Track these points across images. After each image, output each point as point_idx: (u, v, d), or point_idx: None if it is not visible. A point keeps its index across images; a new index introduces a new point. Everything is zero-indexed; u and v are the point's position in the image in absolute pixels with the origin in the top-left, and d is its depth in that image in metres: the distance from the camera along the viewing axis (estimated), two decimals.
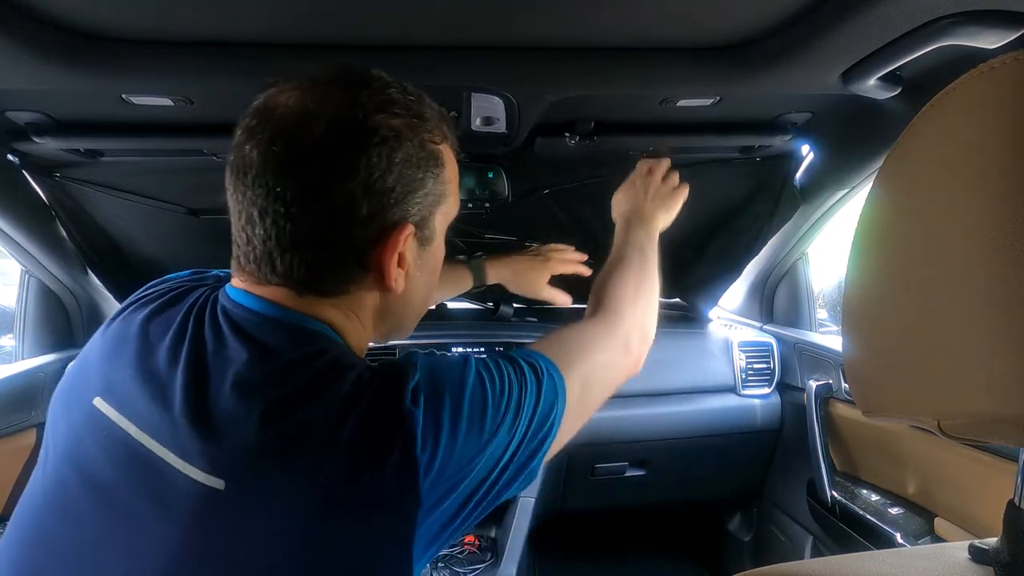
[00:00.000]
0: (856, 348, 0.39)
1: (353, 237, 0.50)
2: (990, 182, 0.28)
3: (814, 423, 1.29)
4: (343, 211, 0.49)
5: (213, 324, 0.52)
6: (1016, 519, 0.38)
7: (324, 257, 0.51)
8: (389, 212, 0.51)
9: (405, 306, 0.59)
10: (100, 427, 0.49)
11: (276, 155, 0.49)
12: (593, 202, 1.39)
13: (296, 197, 0.48)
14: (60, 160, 1.09)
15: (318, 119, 0.49)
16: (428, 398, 0.49)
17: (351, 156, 0.49)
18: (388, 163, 0.50)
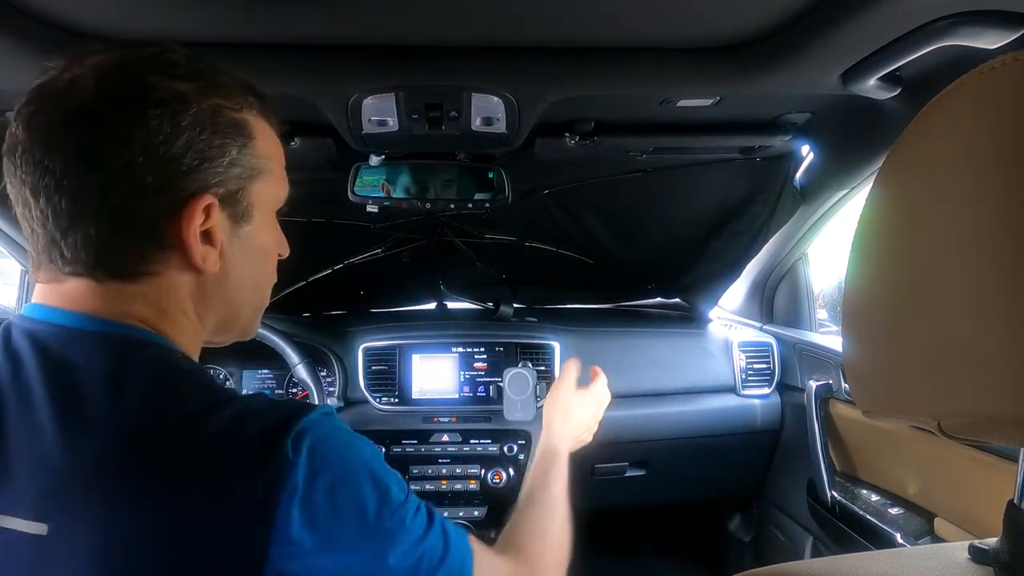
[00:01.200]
0: (856, 348, 0.39)
1: (141, 209, 0.46)
2: (990, 182, 0.28)
3: (814, 423, 1.29)
4: (123, 180, 0.45)
5: (7, 351, 0.45)
6: (1016, 519, 0.38)
7: (109, 231, 0.45)
8: (181, 182, 0.46)
9: (229, 291, 0.53)
10: None
11: (41, 125, 0.45)
12: (593, 202, 1.40)
13: (68, 168, 0.44)
14: None
15: (84, 82, 0.45)
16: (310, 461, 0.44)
17: (125, 119, 0.45)
18: (172, 127, 0.45)
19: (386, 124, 0.96)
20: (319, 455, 0.44)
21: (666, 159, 1.23)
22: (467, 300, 1.66)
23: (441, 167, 1.15)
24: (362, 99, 0.89)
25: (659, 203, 1.40)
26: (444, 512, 1.32)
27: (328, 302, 1.70)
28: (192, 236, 0.47)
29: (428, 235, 1.47)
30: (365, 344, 1.40)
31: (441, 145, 1.09)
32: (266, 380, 1.51)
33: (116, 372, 0.44)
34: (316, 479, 0.44)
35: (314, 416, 0.46)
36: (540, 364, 1.36)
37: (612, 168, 1.27)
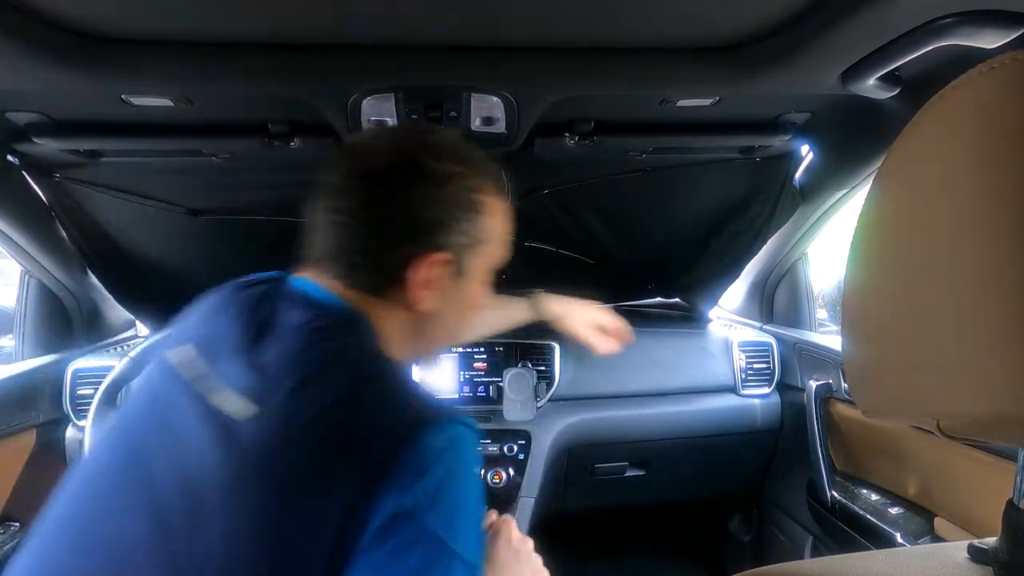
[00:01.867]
0: (856, 348, 0.39)
1: (391, 251, 0.61)
2: (989, 181, 0.28)
3: (814, 423, 1.29)
4: (386, 228, 0.61)
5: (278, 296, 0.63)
6: (1015, 519, 0.38)
7: (367, 262, 0.61)
8: (424, 239, 0.61)
9: (432, 328, 0.67)
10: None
11: (346, 173, 0.63)
12: (593, 202, 1.40)
13: (353, 210, 0.61)
14: (60, 161, 1.09)
15: (379, 151, 0.63)
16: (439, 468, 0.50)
17: (398, 185, 0.61)
18: (429, 198, 0.61)
19: (385, 124, 0.96)
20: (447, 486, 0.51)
21: (666, 159, 1.23)
22: None
23: None
24: (362, 99, 0.89)
25: (659, 203, 1.40)
26: None
27: None
28: (418, 280, 0.62)
29: None
30: None
31: None
32: None
33: (329, 329, 0.58)
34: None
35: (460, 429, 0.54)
36: (540, 364, 1.36)
37: (612, 168, 1.27)
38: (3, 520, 1.16)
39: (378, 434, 0.51)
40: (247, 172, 1.18)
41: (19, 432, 1.20)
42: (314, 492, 0.49)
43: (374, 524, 0.48)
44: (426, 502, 0.49)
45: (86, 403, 1.17)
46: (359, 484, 0.48)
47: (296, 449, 0.50)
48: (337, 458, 0.50)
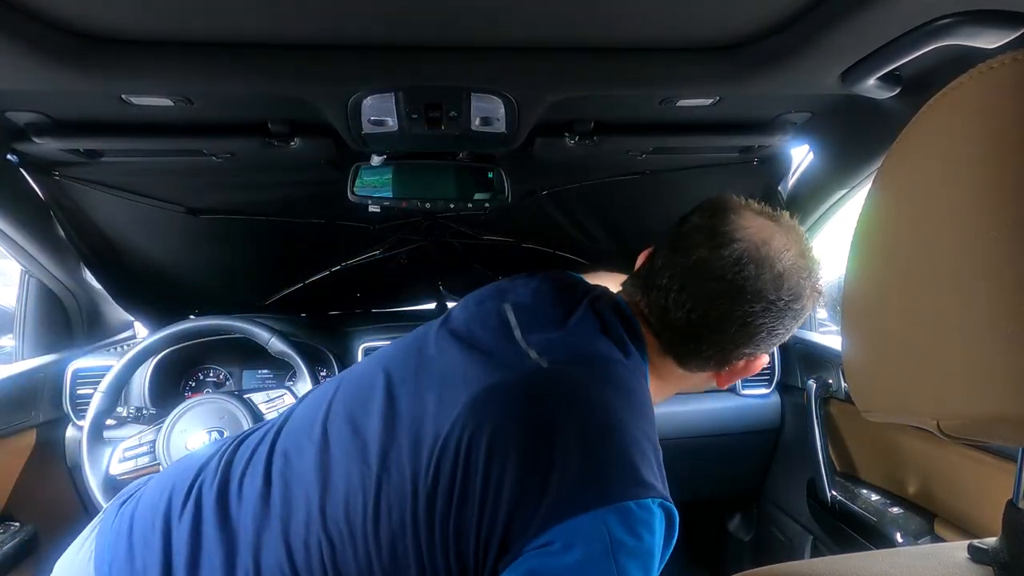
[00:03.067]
0: (856, 348, 0.39)
1: (735, 353, 0.70)
2: (989, 182, 0.28)
3: (814, 423, 1.29)
4: (747, 339, 0.68)
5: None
6: (1015, 519, 0.38)
7: (706, 353, 0.70)
8: (765, 347, 0.70)
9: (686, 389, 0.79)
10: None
11: (739, 273, 0.65)
12: (592, 203, 1.39)
13: (730, 311, 0.66)
14: (60, 160, 1.09)
15: (776, 271, 0.66)
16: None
17: (783, 310, 0.66)
18: (792, 321, 0.68)
19: (385, 124, 0.96)
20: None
21: (666, 160, 1.23)
22: None
23: (441, 167, 1.15)
24: (362, 99, 0.89)
25: (659, 205, 1.40)
26: None
27: (327, 303, 1.70)
28: (736, 374, 0.73)
29: (427, 236, 1.47)
30: (365, 344, 1.40)
31: (441, 145, 1.09)
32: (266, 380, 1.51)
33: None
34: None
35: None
36: None
37: (612, 169, 1.27)
38: (3, 520, 1.16)
39: (615, 464, 0.54)
40: (247, 172, 1.18)
41: (19, 432, 1.20)
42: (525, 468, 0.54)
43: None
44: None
45: (86, 403, 1.17)
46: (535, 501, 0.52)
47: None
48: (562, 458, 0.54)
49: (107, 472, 1.10)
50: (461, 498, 0.54)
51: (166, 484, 0.69)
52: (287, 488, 0.61)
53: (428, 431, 0.58)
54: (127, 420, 1.20)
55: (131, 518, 0.67)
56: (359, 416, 0.64)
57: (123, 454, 1.12)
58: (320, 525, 0.58)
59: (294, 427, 0.68)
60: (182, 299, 1.52)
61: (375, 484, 0.58)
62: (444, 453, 0.56)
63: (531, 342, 0.64)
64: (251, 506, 0.61)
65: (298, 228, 1.38)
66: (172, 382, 1.47)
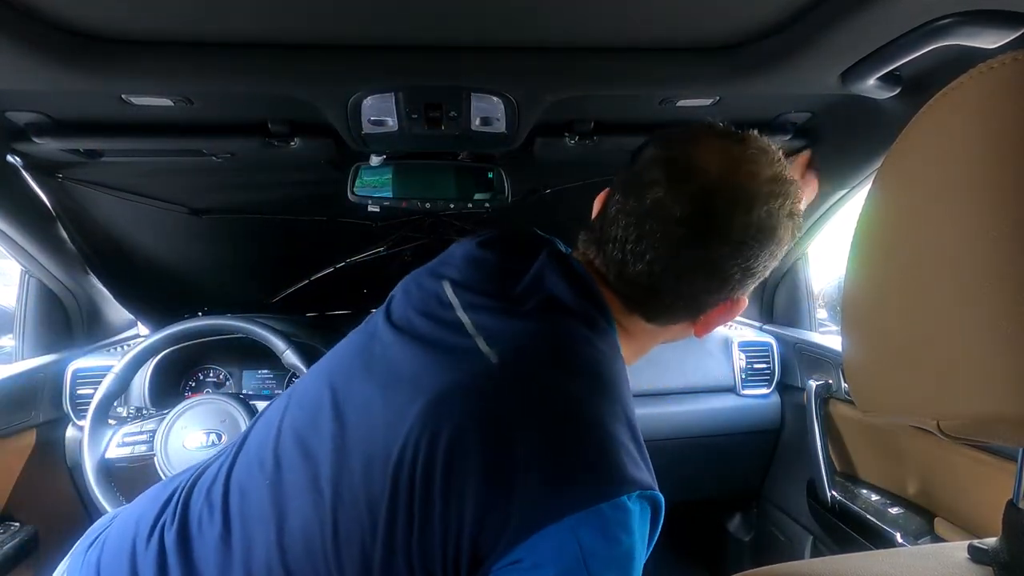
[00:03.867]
0: (856, 348, 0.39)
1: (704, 299, 0.63)
2: (989, 181, 0.28)
3: (814, 423, 1.29)
4: (713, 281, 0.61)
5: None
6: (1015, 519, 0.38)
7: (673, 303, 0.63)
8: (739, 289, 0.63)
9: (665, 341, 0.72)
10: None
11: (694, 207, 0.58)
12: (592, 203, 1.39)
13: (685, 254, 0.59)
14: (60, 160, 1.09)
15: (739, 196, 0.57)
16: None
17: (750, 244, 0.58)
18: (764, 256, 0.61)
19: (385, 124, 0.96)
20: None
21: None
22: None
23: (441, 167, 1.15)
24: (361, 99, 0.89)
25: None
26: None
27: (330, 301, 1.70)
28: (714, 320, 0.65)
29: (429, 234, 1.47)
30: None
31: (441, 145, 1.09)
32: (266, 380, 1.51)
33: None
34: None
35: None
36: None
37: (612, 169, 1.27)
38: (3, 520, 1.16)
39: (592, 465, 0.50)
40: (248, 172, 1.18)
41: (19, 432, 1.20)
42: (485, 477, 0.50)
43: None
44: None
45: (86, 403, 1.17)
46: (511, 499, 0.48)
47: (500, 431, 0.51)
48: (526, 450, 0.50)
49: (103, 455, 1.11)
50: (423, 519, 0.50)
51: (129, 526, 0.65)
52: (245, 526, 0.58)
53: (379, 449, 0.53)
54: (127, 420, 1.20)
55: (97, 563, 0.64)
56: (308, 437, 0.59)
57: (122, 439, 1.13)
58: (280, 562, 0.54)
59: (247, 456, 0.63)
60: (186, 298, 1.52)
61: (331, 514, 0.53)
62: (399, 472, 0.51)
63: (479, 327, 0.57)
64: (212, 548, 0.58)
65: (300, 226, 1.38)
66: (172, 382, 1.47)
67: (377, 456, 0.53)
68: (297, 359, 1.20)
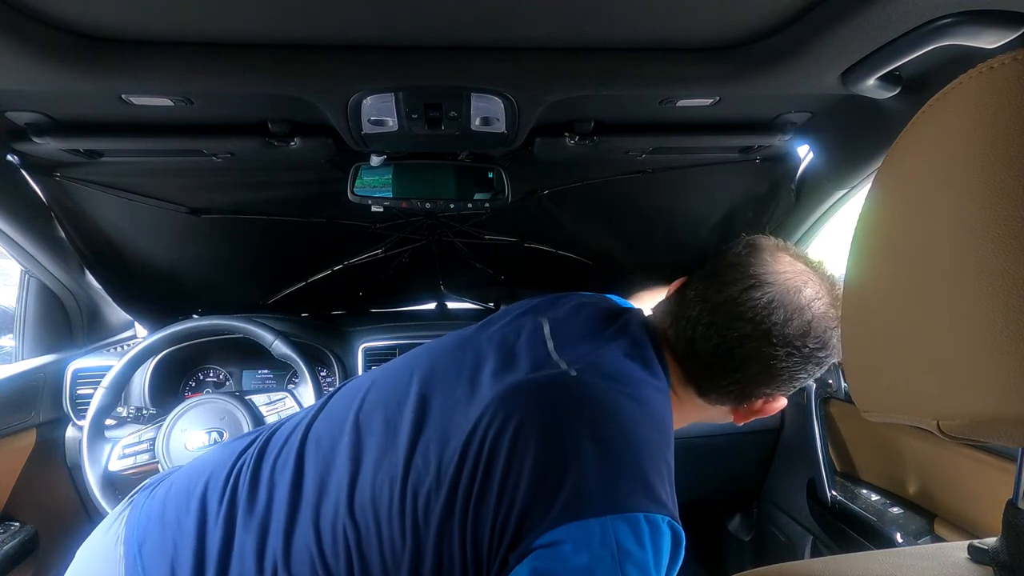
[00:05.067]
0: (856, 348, 0.39)
1: (756, 391, 0.72)
2: (989, 181, 0.28)
3: (814, 423, 1.29)
4: (769, 379, 0.70)
5: None
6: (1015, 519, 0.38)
7: (727, 388, 0.72)
8: (786, 388, 0.72)
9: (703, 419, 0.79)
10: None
11: (767, 312, 0.66)
12: (592, 203, 1.39)
13: (754, 350, 0.68)
14: (60, 160, 1.09)
15: (803, 310, 0.67)
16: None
17: (808, 350, 0.67)
18: (815, 364, 0.70)
19: (385, 124, 0.96)
20: None
21: (666, 159, 1.23)
22: (467, 300, 1.66)
23: (441, 167, 1.15)
24: (361, 99, 0.89)
25: (658, 204, 1.40)
26: None
27: (328, 302, 1.70)
28: (755, 412, 0.75)
29: (428, 235, 1.47)
30: (365, 344, 1.40)
31: (441, 145, 1.09)
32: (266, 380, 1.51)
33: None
34: None
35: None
36: None
37: (612, 168, 1.27)
38: (3, 520, 1.16)
39: (629, 477, 0.55)
40: (247, 172, 1.18)
41: (19, 432, 1.20)
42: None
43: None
44: None
45: (86, 403, 1.17)
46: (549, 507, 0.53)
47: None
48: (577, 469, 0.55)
49: (106, 468, 1.10)
50: (482, 487, 0.56)
51: (203, 470, 0.71)
52: (318, 475, 0.64)
53: (457, 423, 0.61)
54: (127, 420, 1.20)
55: (163, 501, 0.69)
56: (392, 410, 0.67)
57: (122, 451, 1.12)
58: (347, 511, 0.60)
59: (328, 417, 0.71)
60: (183, 299, 1.52)
61: (402, 471, 0.60)
62: (470, 443, 0.59)
63: (562, 354, 0.67)
64: (284, 492, 0.64)
65: (299, 227, 1.38)
66: (172, 382, 1.47)
67: (454, 429, 0.61)
68: (287, 348, 1.21)
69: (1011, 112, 0.28)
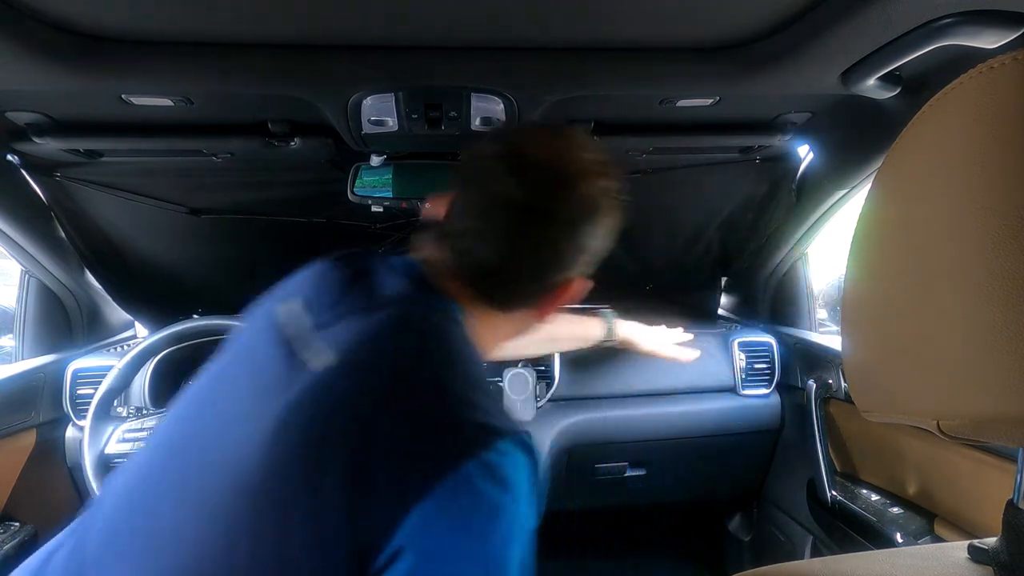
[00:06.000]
0: (856, 348, 0.39)
1: (542, 281, 0.66)
2: (989, 181, 0.28)
3: (814, 423, 1.29)
4: (547, 261, 0.64)
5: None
6: (1015, 519, 0.38)
7: (510, 288, 0.65)
8: (579, 268, 0.67)
9: (522, 333, 0.73)
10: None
11: (520, 188, 0.61)
12: None
13: (517, 233, 0.62)
14: (60, 160, 1.09)
15: (560, 176, 0.62)
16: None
17: (577, 221, 0.62)
18: (596, 231, 0.65)
19: (385, 124, 0.96)
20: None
21: (666, 159, 1.23)
22: None
23: (441, 167, 1.15)
24: (361, 99, 0.89)
25: (658, 204, 1.40)
26: None
27: None
28: (558, 303, 0.68)
29: None
30: None
31: (441, 145, 1.09)
32: None
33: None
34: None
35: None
36: (540, 364, 1.36)
37: None
38: (3, 520, 1.16)
39: (445, 428, 0.49)
40: (247, 172, 1.18)
41: (19, 432, 1.20)
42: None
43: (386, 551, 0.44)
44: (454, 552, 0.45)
45: (86, 403, 1.17)
46: (396, 489, 0.45)
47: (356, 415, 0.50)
48: (395, 435, 0.48)
49: (103, 451, 1.12)
50: (287, 536, 0.46)
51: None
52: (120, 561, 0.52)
53: (239, 470, 0.50)
54: (127, 420, 1.20)
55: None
56: (170, 476, 0.56)
57: (123, 435, 1.14)
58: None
59: (114, 502, 0.58)
60: (183, 299, 1.52)
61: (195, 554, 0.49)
62: (259, 495, 0.48)
63: (326, 340, 0.57)
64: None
65: (299, 228, 1.38)
66: (172, 382, 1.46)
67: (240, 476, 0.50)
68: None
69: (1011, 112, 0.28)
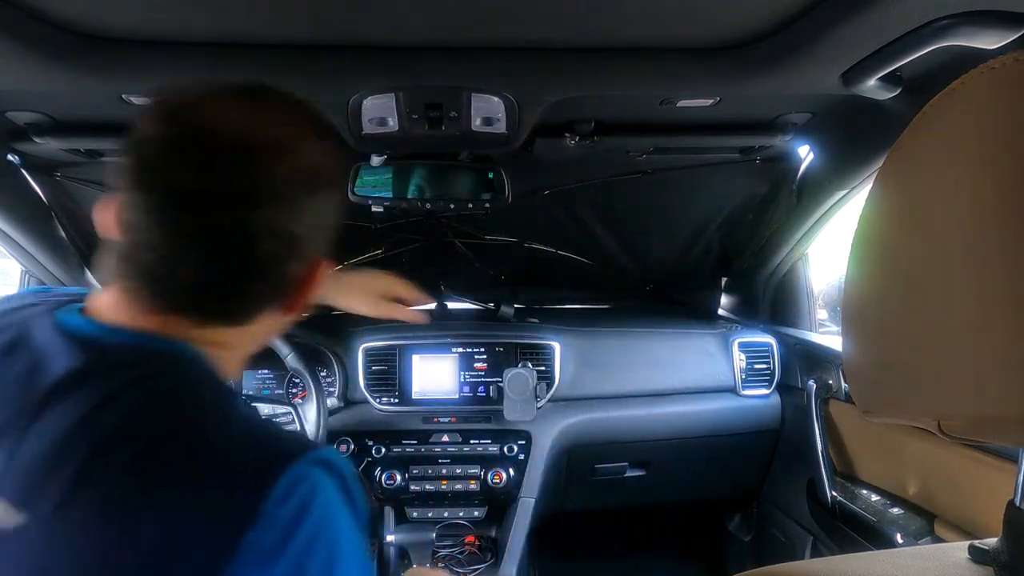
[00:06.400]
0: (856, 348, 0.39)
1: (265, 279, 0.51)
2: (990, 182, 0.28)
3: (814, 423, 1.29)
4: (254, 251, 0.49)
5: None
6: (1016, 519, 0.38)
7: (225, 293, 0.50)
8: (307, 253, 0.53)
9: (266, 335, 0.61)
10: None
11: (186, 166, 0.47)
12: (593, 203, 1.40)
13: (205, 227, 0.47)
14: (60, 160, 1.09)
15: (230, 143, 0.47)
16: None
17: (289, 200, 0.49)
18: (320, 208, 0.51)
19: (386, 124, 0.96)
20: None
21: (666, 160, 1.23)
22: (467, 300, 1.66)
23: (441, 167, 1.15)
24: (362, 99, 0.89)
25: (659, 204, 1.40)
26: (444, 512, 1.32)
27: None
28: (306, 291, 0.53)
29: (429, 235, 1.47)
30: (365, 344, 1.40)
31: (441, 145, 1.09)
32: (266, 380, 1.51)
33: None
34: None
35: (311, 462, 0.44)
36: (540, 364, 1.36)
37: (612, 169, 1.27)
38: None
39: (231, 484, 0.41)
40: None
41: None
42: None
43: None
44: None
45: None
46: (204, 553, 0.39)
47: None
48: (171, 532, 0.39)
49: None
50: None
51: None
52: None
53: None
54: None
55: None
56: None
57: None
58: None
59: None
60: None
61: None
62: None
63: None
64: None
65: None
66: None
67: None
68: (299, 364, 1.21)
69: (1012, 112, 0.28)
